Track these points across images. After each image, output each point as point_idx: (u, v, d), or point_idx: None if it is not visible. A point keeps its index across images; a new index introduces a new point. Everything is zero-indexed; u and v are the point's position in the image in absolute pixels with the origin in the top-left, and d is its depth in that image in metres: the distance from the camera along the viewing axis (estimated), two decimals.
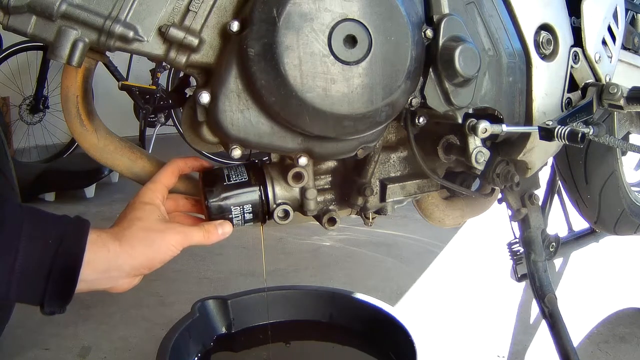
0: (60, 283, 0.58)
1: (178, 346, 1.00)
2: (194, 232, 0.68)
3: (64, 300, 0.60)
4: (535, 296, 1.08)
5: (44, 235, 0.58)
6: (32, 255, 0.57)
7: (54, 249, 0.58)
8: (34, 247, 0.57)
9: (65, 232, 0.59)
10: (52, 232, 0.58)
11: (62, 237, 0.58)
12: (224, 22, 0.66)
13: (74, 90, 0.73)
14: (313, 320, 1.18)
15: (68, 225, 0.60)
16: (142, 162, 0.79)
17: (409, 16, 0.68)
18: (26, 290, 0.58)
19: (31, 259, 0.57)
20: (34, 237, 0.57)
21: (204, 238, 0.69)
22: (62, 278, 0.58)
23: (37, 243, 0.57)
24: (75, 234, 0.60)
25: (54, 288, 0.58)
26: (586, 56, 0.90)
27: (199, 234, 0.69)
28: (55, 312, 0.61)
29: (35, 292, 0.58)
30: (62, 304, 0.60)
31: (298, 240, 2.03)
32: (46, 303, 0.59)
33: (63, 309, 0.61)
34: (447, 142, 0.87)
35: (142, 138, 3.10)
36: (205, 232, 0.69)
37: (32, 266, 0.57)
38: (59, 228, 0.59)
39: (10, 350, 1.31)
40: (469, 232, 2.09)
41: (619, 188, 1.36)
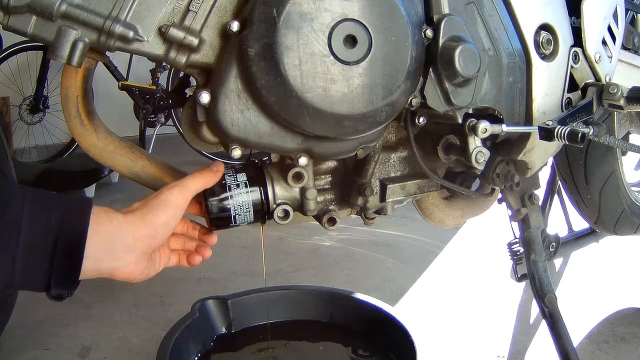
0: (66, 258, 0.57)
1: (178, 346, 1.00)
2: (189, 179, 0.68)
3: (70, 279, 0.58)
4: (535, 296, 1.08)
5: (47, 210, 0.56)
6: (36, 233, 0.55)
7: (57, 223, 0.56)
8: (37, 225, 0.55)
9: (68, 208, 0.58)
10: (55, 208, 0.57)
11: (65, 211, 0.57)
12: (224, 22, 0.66)
13: (74, 90, 0.73)
14: (313, 320, 1.18)
15: (71, 201, 0.59)
16: (142, 162, 0.79)
17: (409, 16, 0.68)
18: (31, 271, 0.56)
19: (35, 237, 0.55)
20: (37, 214, 0.56)
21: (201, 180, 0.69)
22: (68, 252, 0.57)
23: (40, 220, 0.56)
24: (79, 207, 0.59)
25: (60, 265, 0.57)
26: (586, 56, 0.90)
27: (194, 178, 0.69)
28: (62, 295, 0.59)
29: (40, 273, 0.56)
30: (69, 284, 0.58)
31: (298, 240, 2.03)
32: (53, 284, 0.57)
33: (71, 291, 0.59)
34: (447, 142, 0.87)
35: (142, 138, 3.10)
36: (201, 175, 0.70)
37: (35, 244, 0.55)
38: (62, 204, 0.58)
39: (10, 350, 1.31)
40: (469, 232, 2.09)
41: (619, 188, 1.36)
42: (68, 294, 0.59)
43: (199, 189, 0.70)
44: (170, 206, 0.65)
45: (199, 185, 0.70)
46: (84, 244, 0.57)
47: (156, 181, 0.79)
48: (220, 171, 0.73)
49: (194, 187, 0.69)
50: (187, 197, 0.67)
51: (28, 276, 0.56)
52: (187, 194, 0.67)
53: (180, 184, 0.67)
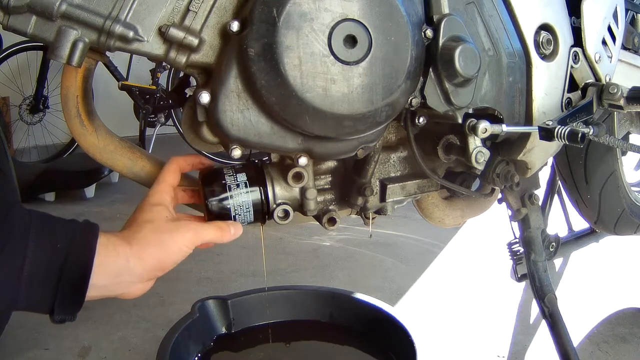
0: (71, 289, 0.57)
1: (178, 346, 1.00)
2: (206, 229, 0.67)
3: (74, 307, 0.59)
4: (535, 296, 1.08)
5: (53, 240, 0.56)
6: (41, 261, 0.55)
7: (64, 254, 0.56)
8: (42, 253, 0.55)
9: (74, 237, 0.58)
10: (61, 236, 0.57)
11: (72, 242, 0.57)
12: (224, 22, 0.66)
13: (74, 90, 0.73)
14: (313, 320, 1.18)
15: (77, 229, 0.59)
16: (142, 162, 0.79)
17: (409, 16, 0.68)
18: (35, 297, 0.56)
19: (40, 265, 0.55)
20: (43, 242, 0.56)
21: (217, 235, 0.68)
22: (72, 283, 0.57)
23: (45, 248, 0.56)
24: (85, 238, 0.58)
25: (64, 294, 0.57)
26: (586, 56, 0.90)
27: (211, 231, 0.67)
28: (65, 320, 0.59)
29: (44, 299, 0.57)
30: (72, 311, 0.59)
31: (298, 240, 2.03)
32: (56, 310, 0.58)
33: (74, 317, 0.60)
34: (447, 142, 0.87)
35: (142, 138, 3.10)
36: (218, 229, 0.68)
37: (41, 272, 0.55)
38: (68, 232, 0.58)
39: (10, 350, 1.31)
40: (469, 232, 2.09)
41: (619, 188, 1.36)
42: (71, 319, 0.60)
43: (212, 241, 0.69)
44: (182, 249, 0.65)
45: (214, 238, 0.68)
46: (89, 275, 0.58)
47: None
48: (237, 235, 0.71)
49: (208, 238, 0.67)
50: (197, 244, 0.66)
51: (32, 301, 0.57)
52: (199, 241, 0.66)
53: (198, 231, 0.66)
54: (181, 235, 0.64)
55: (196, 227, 0.66)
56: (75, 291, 0.57)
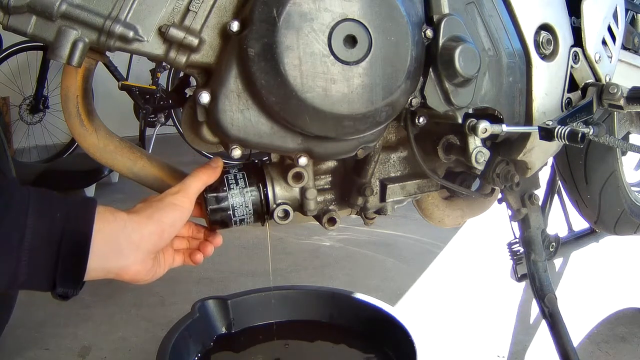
0: (71, 256, 0.57)
1: (178, 346, 1.00)
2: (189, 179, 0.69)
3: (76, 278, 0.58)
4: (535, 296, 1.08)
5: (52, 211, 0.56)
6: (41, 231, 0.55)
7: (63, 222, 0.56)
8: (42, 223, 0.55)
9: (73, 206, 0.58)
10: (59, 207, 0.57)
11: (70, 211, 0.57)
12: (224, 22, 0.66)
13: (74, 90, 0.73)
14: (313, 320, 1.18)
15: (75, 200, 0.59)
16: (142, 162, 0.79)
17: (409, 16, 0.68)
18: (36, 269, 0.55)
19: (40, 235, 0.55)
20: (42, 213, 0.55)
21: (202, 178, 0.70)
22: (73, 251, 0.57)
23: (44, 219, 0.55)
24: (83, 206, 0.59)
25: (65, 263, 0.56)
26: (586, 56, 0.90)
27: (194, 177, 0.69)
28: (68, 294, 0.58)
29: (45, 270, 0.56)
30: (75, 283, 0.58)
31: (298, 240, 2.03)
32: (58, 281, 0.57)
33: (76, 290, 0.59)
34: (447, 142, 0.87)
35: (142, 138, 3.10)
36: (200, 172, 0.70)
37: (41, 242, 0.55)
38: (67, 203, 0.58)
39: (10, 350, 1.31)
40: (469, 232, 2.09)
41: (619, 188, 1.36)
42: (73, 293, 0.59)
43: (201, 188, 0.71)
44: (177, 209, 0.66)
45: (199, 185, 0.70)
46: (89, 241, 0.57)
47: (156, 181, 0.79)
48: (219, 166, 0.73)
49: (196, 188, 0.69)
50: (191, 200, 0.68)
51: (32, 275, 0.56)
52: (191, 196, 0.68)
53: (182, 188, 0.68)
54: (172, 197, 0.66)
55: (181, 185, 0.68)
56: (76, 259, 0.57)
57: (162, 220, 0.64)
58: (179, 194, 0.67)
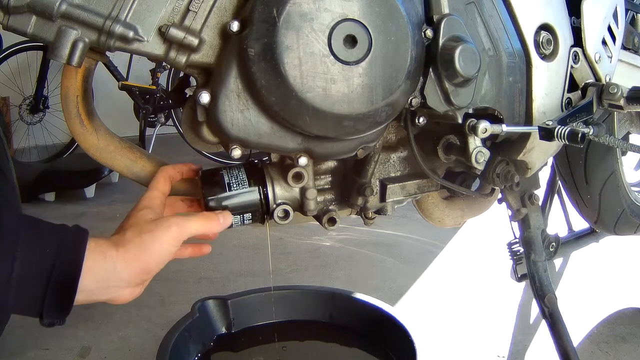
0: (59, 292, 0.57)
1: (178, 346, 1.00)
2: (190, 221, 0.64)
3: (63, 311, 0.59)
4: (535, 296, 1.08)
5: (42, 243, 0.57)
6: (30, 264, 0.55)
7: (52, 258, 0.56)
8: (31, 256, 0.55)
9: (63, 240, 0.58)
10: (50, 240, 0.57)
11: (61, 245, 0.57)
12: (224, 22, 0.66)
13: (74, 90, 0.73)
14: (313, 320, 1.18)
15: (66, 233, 0.59)
16: (142, 162, 0.79)
17: (409, 16, 0.68)
18: (24, 301, 0.57)
19: (29, 268, 0.55)
20: (32, 245, 0.56)
21: (203, 225, 0.65)
22: (61, 287, 0.57)
23: (34, 251, 0.56)
24: (74, 242, 0.59)
25: (53, 298, 0.57)
26: (586, 56, 0.90)
27: (196, 222, 0.65)
28: (54, 324, 0.59)
29: (33, 302, 0.57)
30: (61, 315, 0.59)
31: (298, 240, 2.03)
32: (45, 314, 0.58)
33: (62, 321, 0.60)
34: (447, 142, 0.87)
35: (142, 138, 3.10)
36: (204, 219, 0.66)
37: (30, 275, 0.55)
38: (57, 236, 0.58)
39: (10, 350, 1.31)
40: (469, 232, 2.09)
41: (619, 188, 1.36)
42: (60, 323, 0.60)
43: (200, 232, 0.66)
44: (165, 246, 0.62)
45: (199, 231, 0.66)
46: (77, 279, 0.58)
47: None
48: (227, 224, 0.69)
49: (194, 230, 0.65)
50: (183, 238, 0.64)
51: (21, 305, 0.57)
52: (184, 236, 0.64)
53: (181, 225, 0.64)
54: (162, 231, 0.62)
55: (179, 221, 0.64)
56: (63, 295, 0.58)
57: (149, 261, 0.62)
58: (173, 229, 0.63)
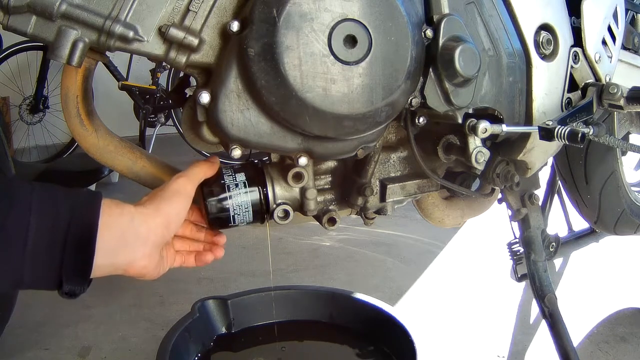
0: (78, 251, 0.55)
1: (178, 346, 1.00)
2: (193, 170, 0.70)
3: (83, 274, 0.56)
4: (535, 296, 1.08)
5: (56, 206, 0.55)
6: (45, 228, 0.53)
7: (68, 218, 0.55)
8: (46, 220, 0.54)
9: (78, 200, 0.56)
10: (63, 201, 0.55)
11: (75, 205, 0.56)
12: (224, 22, 0.66)
13: (74, 90, 0.73)
14: (313, 320, 1.18)
15: (80, 193, 0.58)
16: (142, 162, 0.79)
17: (409, 16, 0.68)
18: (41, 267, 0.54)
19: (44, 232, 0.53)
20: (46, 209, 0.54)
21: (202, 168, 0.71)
22: (79, 246, 0.55)
23: (49, 215, 0.54)
24: (89, 200, 0.57)
25: (72, 258, 0.54)
26: (586, 56, 0.90)
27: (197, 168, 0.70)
28: (75, 292, 0.56)
29: (51, 267, 0.54)
30: (81, 279, 0.56)
31: (298, 240, 2.03)
32: (65, 278, 0.55)
33: (83, 288, 0.57)
34: (447, 142, 0.87)
35: (142, 138, 3.10)
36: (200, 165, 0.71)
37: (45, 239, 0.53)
38: (71, 197, 0.56)
39: (10, 350, 1.31)
40: (469, 232, 2.09)
41: (619, 188, 1.36)
42: (81, 290, 0.57)
43: (202, 177, 0.71)
44: (181, 195, 0.66)
45: (201, 175, 0.71)
46: (95, 235, 0.56)
47: (156, 181, 0.79)
48: (216, 163, 0.74)
49: (198, 175, 0.70)
50: (194, 186, 0.69)
51: (38, 273, 0.54)
52: (194, 182, 0.69)
53: (186, 174, 0.69)
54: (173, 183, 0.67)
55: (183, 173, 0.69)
56: (82, 254, 0.55)
57: (169, 211, 0.64)
58: (182, 179, 0.68)
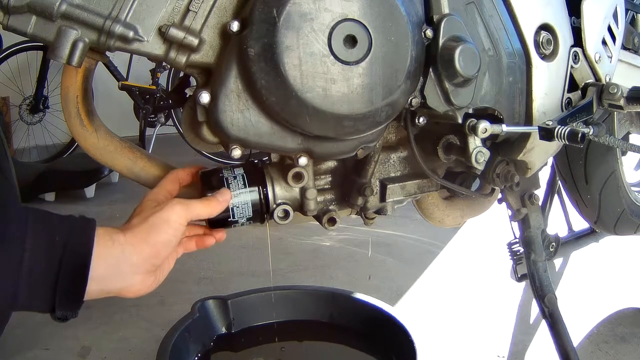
0: (71, 280, 0.56)
1: (178, 346, 1.00)
2: (194, 204, 0.66)
3: (75, 300, 0.58)
4: (535, 296, 1.08)
5: (51, 234, 0.56)
6: (40, 254, 0.55)
7: (62, 244, 0.56)
8: (41, 246, 0.55)
9: (72, 229, 0.58)
10: (58, 229, 0.57)
11: (70, 234, 0.57)
12: (224, 22, 0.66)
13: (74, 90, 0.73)
14: (313, 320, 1.18)
15: (74, 221, 0.59)
16: (142, 162, 0.79)
17: (409, 16, 0.68)
18: (35, 292, 0.56)
19: (39, 258, 0.55)
20: (41, 236, 0.55)
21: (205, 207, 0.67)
22: (72, 275, 0.56)
23: (44, 242, 0.55)
24: (83, 229, 0.58)
25: (65, 285, 0.56)
26: (586, 56, 0.90)
27: (199, 205, 0.67)
28: (67, 317, 0.59)
29: (45, 293, 0.56)
30: (74, 305, 0.58)
31: (298, 240, 2.03)
32: (57, 305, 0.57)
33: (75, 313, 0.59)
34: (447, 142, 0.87)
35: (142, 138, 3.10)
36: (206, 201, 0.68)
37: (40, 265, 0.55)
38: (66, 226, 0.58)
39: (10, 350, 1.31)
40: (469, 232, 2.09)
41: (619, 188, 1.36)
42: (73, 315, 0.59)
43: (202, 216, 0.68)
44: (172, 225, 0.64)
45: (203, 213, 0.68)
46: (88, 266, 0.57)
47: (156, 181, 0.79)
48: (226, 201, 0.71)
49: (198, 212, 0.67)
50: (189, 218, 0.65)
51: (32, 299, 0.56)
52: (189, 215, 0.65)
53: (185, 204, 0.65)
54: (168, 211, 0.63)
55: (182, 201, 0.66)
56: (75, 283, 0.57)
57: (157, 242, 0.63)
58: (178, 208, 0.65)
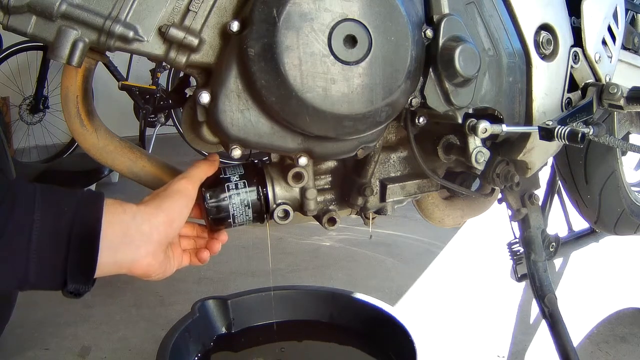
0: (82, 249, 0.55)
1: (178, 346, 1.00)
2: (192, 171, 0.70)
3: (87, 272, 0.56)
4: (535, 296, 1.08)
5: (59, 205, 0.55)
6: (49, 227, 0.54)
7: (71, 216, 0.55)
8: (50, 219, 0.54)
9: (80, 200, 0.57)
10: (67, 201, 0.56)
11: (78, 205, 0.56)
12: (224, 22, 0.66)
13: (74, 90, 0.73)
14: (313, 320, 1.18)
15: (83, 194, 0.58)
16: (142, 162, 0.79)
17: (409, 16, 0.68)
18: (46, 267, 0.54)
19: (48, 231, 0.53)
20: (49, 209, 0.54)
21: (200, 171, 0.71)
22: (83, 243, 0.55)
23: (52, 214, 0.54)
24: (92, 200, 0.58)
25: (76, 257, 0.55)
26: (586, 56, 0.90)
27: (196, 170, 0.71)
28: (79, 291, 0.57)
29: (55, 266, 0.54)
30: (86, 278, 0.56)
31: (298, 240, 2.03)
32: (69, 278, 0.55)
33: (88, 286, 0.57)
34: (447, 142, 0.87)
35: (142, 138, 3.10)
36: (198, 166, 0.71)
37: (49, 238, 0.54)
38: (74, 197, 0.57)
39: (10, 349, 1.31)
40: (469, 232, 2.09)
41: (619, 188, 1.36)
42: (85, 289, 0.57)
43: (203, 177, 0.72)
44: (183, 195, 0.66)
45: (202, 174, 0.71)
46: (98, 233, 0.56)
47: (156, 181, 0.79)
48: (216, 160, 0.74)
49: (199, 176, 0.71)
50: (195, 186, 0.69)
51: (43, 273, 0.54)
52: (195, 183, 0.69)
53: (186, 176, 0.69)
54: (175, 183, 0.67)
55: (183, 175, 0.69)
56: (86, 252, 0.55)
57: (171, 209, 0.64)
58: (183, 180, 0.68)
